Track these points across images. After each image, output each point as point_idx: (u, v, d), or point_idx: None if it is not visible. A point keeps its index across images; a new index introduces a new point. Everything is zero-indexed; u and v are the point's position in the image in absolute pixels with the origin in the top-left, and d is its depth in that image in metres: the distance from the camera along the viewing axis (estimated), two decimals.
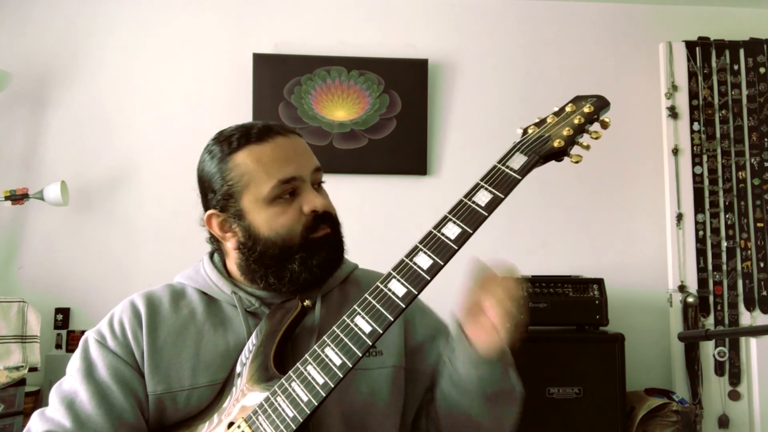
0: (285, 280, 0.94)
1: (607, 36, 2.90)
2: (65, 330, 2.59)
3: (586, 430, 2.25)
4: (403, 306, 0.78)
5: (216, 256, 1.05)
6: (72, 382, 0.92)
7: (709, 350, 2.65)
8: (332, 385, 0.78)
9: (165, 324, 0.95)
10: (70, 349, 2.57)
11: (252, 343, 0.92)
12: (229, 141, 0.96)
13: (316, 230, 0.95)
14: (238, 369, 0.91)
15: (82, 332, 2.57)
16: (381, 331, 0.78)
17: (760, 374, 2.56)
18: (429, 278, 0.79)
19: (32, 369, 2.24)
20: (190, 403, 0.91)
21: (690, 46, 2.82)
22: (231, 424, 0.86)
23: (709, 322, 2.67)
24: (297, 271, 0.93)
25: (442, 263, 0.79)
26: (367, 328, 0.79)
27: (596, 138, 0.85)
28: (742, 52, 2.81)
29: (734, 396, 2.62)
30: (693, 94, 2.80)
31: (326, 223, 0.96)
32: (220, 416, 0.88)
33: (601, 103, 0.86)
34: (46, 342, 2.53)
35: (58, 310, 2.60)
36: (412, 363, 1.01)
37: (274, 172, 0.93)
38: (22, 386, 2.21)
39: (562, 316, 2.37)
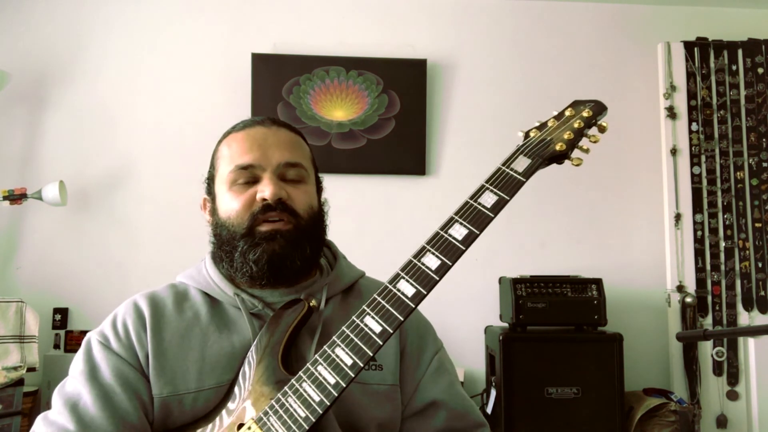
0: (236, 270, 0.95)
1: (605, 36, 2.90)
2: (63, 330, 2.59)
3: (584, 430, 2.25)
4: (413, 306, 0.79)
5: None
6: (75, 384, 0.91)
7: (707, 350, 2.65)
8: (344, 385, 0.79)
9: (170, 326, 0.95)
10: (69, 349, 2.57)
11: (258, 344, 0.91)
12: (226, 131, 1.03)
13: (263, 220, 0.93)
14: (244, 370, 0.90)
15: (81, 332, 2.58)
16: (391, 331, 0.79)
17: (759, 374, 2.57)
18: (438, 278, 0.80)
19: (30, 369, 2.24)
20: (197, 405, 0.90)
21: (688, 46, 2.83)
22: (241, 426, 0.85)
23: (708, 322, 2.68)
24: (240, 263, 0.94)
25: (450, 263, 0.80)
26: (378, 328, 0.80)
27: (595, 142, 0.87)
28: (740, 52, 2.82)
29: (732, 396, 2.62)
30: (691, 95, 2.80)
31: (278, 213, 0.94)
32: (227, 418, 0.88)
33: (599, 108, 0.89)
34: (44, 342, 2.52)
35: (56, 310, 2.60)
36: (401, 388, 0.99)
37: (235, 158, 0.97)
38: (20, 386, 2.21)
39: (560, 316, 2.37)
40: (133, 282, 2.62)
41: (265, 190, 0.93)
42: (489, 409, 2.36)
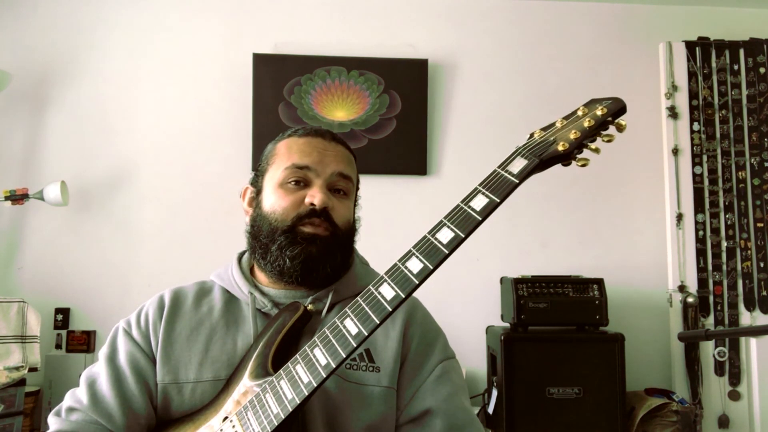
0: (268, 262, 1.00)
1: (607, 36, 2.90)
2: (65, 330, 2.59)
3: (585, 430, 2.25)
4: (390, 309, 0.78)
5: (245, 257, 1.11)
6: (98, 365, 1.01)
7: (709, 350, 2.65)
8: (315, 385, 0.80)
9: (183, 319, 1.02)
10: (70, 349, 2.57)
11: (255, 342, 0.95)
12: (284, 133, 1.09)
13: (308, 223, 0.98)
14: (241, 366, 0.94)
15: (83, 332, 2.58)
16: (366, 334, 0.79)
17: (760, 374, 2.56)
18: (417, 282, 0.78)
19: (32, 369, 2.24)
20: (195, 396, 0.95)
21: (690, 46, 2.82)
22: (226, 418, 0.90)
23: (709, 322, 2.67)
24: (275, 256, 0.98)
25: (432, 267, 0.78)
26: (354, 330, 0.80)
27: (608, 141, 0.83)
28: (742, 52, 2.81)
29: (734, 396, 2.62)
30: (693, 94, 2.80)
31: (320, 220, 0.98)
32: (219, 410, 0.92)
33: (616, 106, 0.83)
34: (45, 342, 2.53)
35: (57, 310, 2.60)
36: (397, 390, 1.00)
37: (294, 158, 1.02)
38: (22, 386, 2.21)
39: (562, 316, 2.37)
40: (135, 282, 2.62)
41: (316, 196, 0.98)
42: (490, 410, 2.36)
